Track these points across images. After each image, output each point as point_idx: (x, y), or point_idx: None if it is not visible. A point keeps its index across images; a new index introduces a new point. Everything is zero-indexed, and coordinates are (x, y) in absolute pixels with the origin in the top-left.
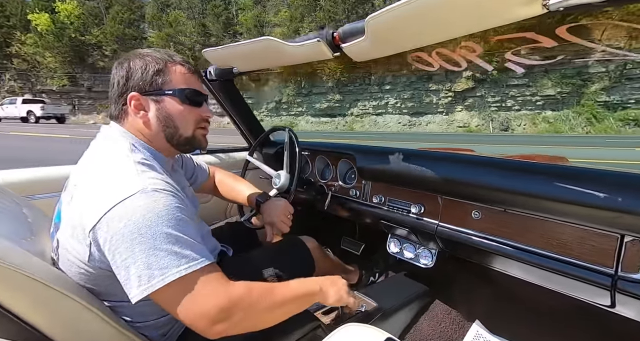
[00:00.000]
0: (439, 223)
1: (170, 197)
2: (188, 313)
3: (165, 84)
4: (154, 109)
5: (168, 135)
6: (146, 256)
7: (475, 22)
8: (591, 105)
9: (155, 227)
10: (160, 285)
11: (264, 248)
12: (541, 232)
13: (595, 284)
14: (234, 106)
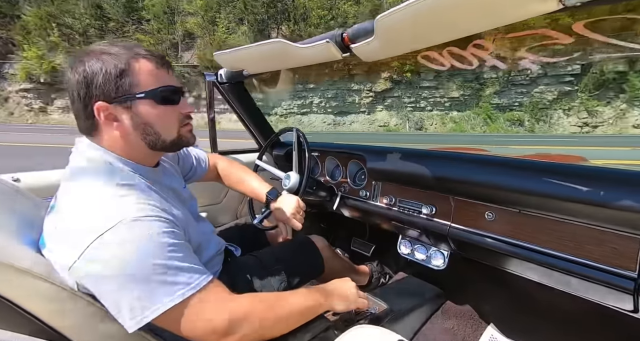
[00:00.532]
0: (451, 224)
1: (153, 223)
2: (194, 332)
3: (133, 86)
4: (127, 118)
5: (150, 143)
6: (136, 291)
7: (488, 19)
8: (487, 107)
9: (141, 261)
10: (154, 316)
11: (272, 247)
12: (559, 233)
13: (617, 288)
14: (245, 108)
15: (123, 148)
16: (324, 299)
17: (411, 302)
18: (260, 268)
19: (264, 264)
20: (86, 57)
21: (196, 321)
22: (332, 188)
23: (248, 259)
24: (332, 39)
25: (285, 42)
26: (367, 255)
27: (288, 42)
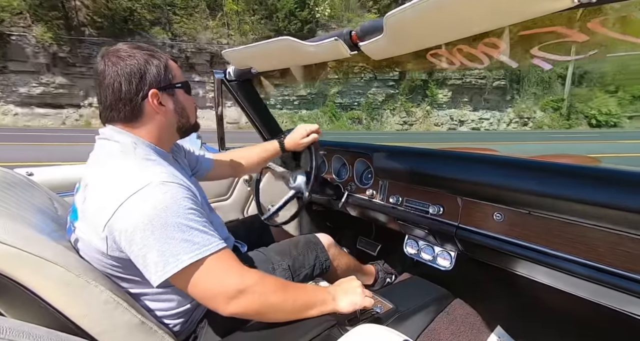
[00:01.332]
0: (459, 224)
1: (177, 187)
2: (205, 292)
3: (174, 77)
4: (171, 103)
5: (181, 125)
6: (160, 245)
7: (500, 17)
8: (332, 106)
9: (166, 218)
10: (175, 271)
11: (279, 244)
12: (569, 236)
13: (630, 293)
14: (253, 106)
15: (152, 131)
16: (330, 297)
17: (417, 302)
18: (266, 264)
19: (270, 260)
20: (132, 54)
21: (207, 281)
22: (339, 187)
23: (255, 255)
24: (340, 37)
25: (293, 40)
26: (373, 254)
27: (296, 40)
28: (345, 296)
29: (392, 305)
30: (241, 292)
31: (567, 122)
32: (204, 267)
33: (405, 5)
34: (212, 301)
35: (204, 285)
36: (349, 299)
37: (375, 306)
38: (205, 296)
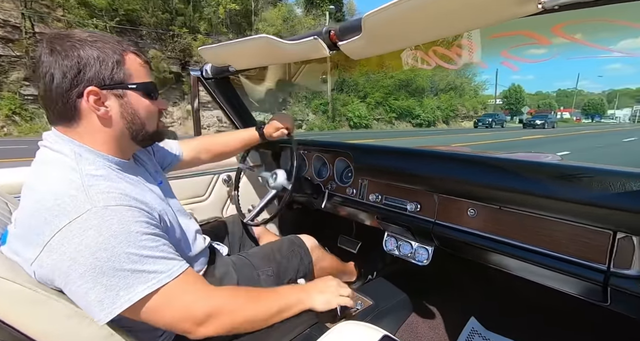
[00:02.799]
0: (435, 220)
1: (126, 211)
2: (170, 320)
3: (127, 77)
4: (116, 105)
5: (133, 132)
6: (106, 280)
7: (471, 21)
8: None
9: (112, 249)
10: (128, 305)
11: (262, 247)
12: (536, 229)
13: (589, 280)
14: (231, 105)
15: (98, 138)
16: (305, 295)
17: (396, 298)
18: (249, 269)
19: (254, 265)
20: (77, 44)
21: (170, 309)
22: (319, 186)
23: (238, 260)
24: (319, 36)
25: (273, 38)
26: (354, 252)
27: (275, 38)
28: (320, 295)
29: (372, 302)
30: (210, 315)
31: (333, 123)
32: (165, 295)
33: (383, 5)
34: (179, 328)
35: (168, 314)
36: (323, 298)
37: (356, 303)
38: (171, 325)
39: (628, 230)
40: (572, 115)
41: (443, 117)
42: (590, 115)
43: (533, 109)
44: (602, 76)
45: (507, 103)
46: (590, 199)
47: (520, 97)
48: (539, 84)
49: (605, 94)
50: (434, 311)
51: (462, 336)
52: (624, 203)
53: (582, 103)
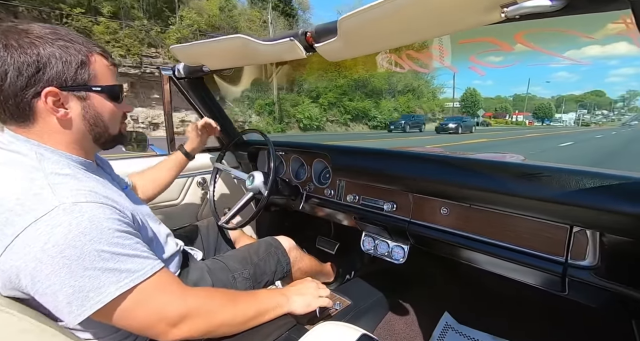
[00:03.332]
0: (411, 219)
1: (96, 208)
2: (142, 322)
3: (91, 78)
4: (78, 108)
5: (95, 135)
6: (75, 280)
7: (440, 27)
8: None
9: (82, 247)
10: (98, 307)
11: (238, 250)
12: (503, 225)
13: (549, 272)
14: (205, 105)
15: (58, 138)
16: (284, 299)
17: (373, 296)
18: (225, 273)
19: (229, 268)
20: (37, 40)
21: (143, 311)
22: (297, 188)
23: (212, 263)
24: (296, 38)
25: (248, 38)
26: (332, 252)
27: (251, 38)
28: (299, 298)
29: (351, 301)
30: (185, 316)
31: (280, 125)
32: (138, 296)
33: (357, 9)
34: (152, 330)
35: (140, 316)
36: (303, 300)
37: (334, 304)
38: (143, 328)
39: (582, 224)
40: (525, 118)
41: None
42: (540, 119)
43: (490, 112)
44: (549, 82)
45: (464, 106)
46: (550, 196)
47: (476, 101)
48: (498, 88)
49: (554, 99)
50: (410, 308)
51: (436, 331)
52: (579, 200)
53: (533, 108)
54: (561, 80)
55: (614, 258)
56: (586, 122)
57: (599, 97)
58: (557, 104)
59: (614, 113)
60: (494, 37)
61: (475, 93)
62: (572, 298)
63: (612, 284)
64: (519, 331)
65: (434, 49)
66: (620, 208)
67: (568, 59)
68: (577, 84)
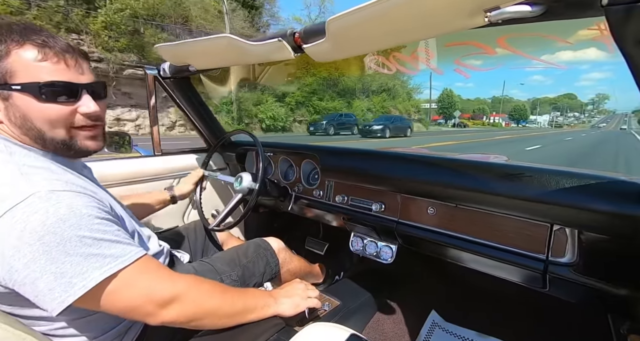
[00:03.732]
0: (399, 220)
1: (73, 195)
2: (129, 304)
3: (10, 75)
4: (1, 108)
5: (35, 138)
6: (56, 267)
7: (427, 29)
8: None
9: (62, 233)
10: (83, 292)
11: (226, 252)
12: (488, 224)
13: (531, 269)
14: (192, 106)
15: (22, 134)
16: (272, 300)
17: (362, 296)
18: (212, 274)
19: (217, 270)
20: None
21: (132, 292)
22: (286, 189)
23: (199, 266)
24: (284, 38)
25: (235, 38)
26: (321, 253)
27: (238, 38)
28: (287, 300)
29: (340, 302)
30: (173, 299)
31: (239, 126)
32: (123, 279)
33: (345, 11)
34: (138, 312)
35: (127, 298)
36: (291, 302)
37: (323, 305)
38: (129, 309)
39: (562, 223)
40: (503, 119)
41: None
42: (516, 120)
43: (468, 114)
44: (523, 84)
45: (440, 107)
46: (531, 196)
47: (453, 102)
48: (479, 90)
49: (530, 102)
50: (398, 307)
51: (423, 329)
52: (559, 199)
53: (509, 110)
54: (536, 83)
55: (591, 255)
56: (559, 124)
57: (571, 100)
58: (532, 106)
59: (584, 115)
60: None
61: (452, 94)
62: (553, 294)
63: (589, 280)
64: (503, 328)
65: (421, 51)
66: (597, 207)
67: (546, 62)
68: (551, 87)
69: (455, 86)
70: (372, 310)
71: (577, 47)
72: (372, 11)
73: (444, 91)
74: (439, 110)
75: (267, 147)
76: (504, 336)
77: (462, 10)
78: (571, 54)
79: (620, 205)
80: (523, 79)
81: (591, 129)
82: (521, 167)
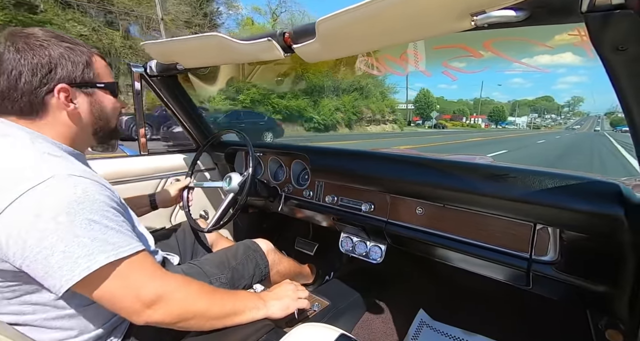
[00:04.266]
0: (388, 220)
1: (89, 182)
2: (119, 298)
3: (96, 76)
4: (86, 103)
5: (97, 128)
6: (66, 245)
7: (415, 31)
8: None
9: (75, 214)
10: (87, 272)
11: (215, 253)
12: (474, 224)
13: (516, 268)
14: (179, 104)
15: (60, 130)
16: (262, 303)
17: (351, 296)
18: (201, 277)
19: (206, 272)
20: (45, 42)
21: (123, 286)
22: (276, 189)
23: (188, 268)
24: (273, 38)
25: (224, 37)
26: (311, 254)
27: (227, 37)
28: (277, 302)
29: (329, 302)
30: (161, 298)
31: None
32: (121, 270)
33: (335, 12)
34: (126, 309)
35: (119, 291)
36: (281, 304)
37: (313, 305)
38: (119, 304)
39: (545, 222)
40: (483, 121)
41: (345, 120)
42: (495, 121)
43: (448, 115)
44: (500, 85)
45: (417, 107)
46: (515, 196)
47: (430, 102)
48: (462, 92)
49: (510, 103)
50: (387, 306)
51: (412, 328)
52: (542, 199)
53: (488, 111)
54: (517, 85)
55: (572, 253)
56: (537, 125)
57: (548, 102)
58: (512, 108)
59: (561, 117)
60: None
61: (429, 94)
62: (536, 291)
63: (570, 277)
64: (489, 326)
65: (410, 53)
66: (577, 207)
67: (527, 65)
68: (530, 89)
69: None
70: (362, 310)
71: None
72: (361, 12)
73: (420, 91)
74: (416, 111)
75: (256, 147)
76: (489, 333)
77: (450, 14)
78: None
79: (598, 204)
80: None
81: (566, 131)
82: (506, 168)
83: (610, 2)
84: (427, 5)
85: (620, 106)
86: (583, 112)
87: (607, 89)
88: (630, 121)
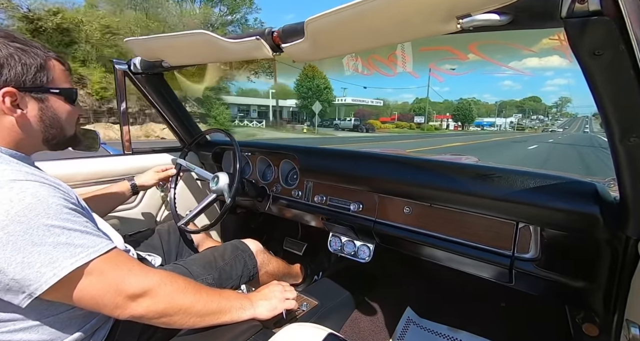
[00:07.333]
0: (376, 219)
1: (38, 185)
2: (99, 297)
3: (49, 81)
4: (35, 109)
5: (49, 136)
6: (24, 256)
7: (402, 33)
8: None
9: (29, 222)
10: (54, 281)
11: (202, 254)
12: (460, 223)
13: (499, 265)
14: (165, 103)
15: (9, 137)
16: (248, 303)
17: (340, 296)
18: (187, 277)
19: (192, 273)
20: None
21: (103, 283)
22: (264, 189)
23: (172, 268)
24: (262, 37)
25: (211, 35)
26: (300, 254)
27: (214, 35)
28: (265, 302)
29: (317, 302)
30: (145, 292)
31: None
32: (95, 271)
33: (323, 12)
34: (109, 305)
35: (97, 290)
36: (269, 304)
37: (301, 305)
38: (101, 302)
39: (526, 220)
40: (450, 121)
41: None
42: (460, 121)
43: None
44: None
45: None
46: (499, 195)
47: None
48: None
49: (497, 104)
50: (375, 305)
51: (399, 326)
52: (523, 198)
53: (451, 110)
54: (507, 88)
55: (552, 250)
56: (522, 126)
57: (536, 103)
58: (499, 109)
59: (548, 118)
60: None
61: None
62: (518, 288)
63: (550, 273)
64: (473, 322)
65: (397, 54)
66: (556, 205)
67: (513, 69)
68: (519, 92)
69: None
70: (350, 309)
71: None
72: (350, 13)
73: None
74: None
75: (245, 147)
76: (473, 329)
77: (436, 16)
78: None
79: (576, 203)
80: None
81: (556, 133)
82: (491, 168)
83: (588, 9)
84: (413, 7)
85: (597, 108)
86: (571, 113)
87: None
88: (606, 122)
